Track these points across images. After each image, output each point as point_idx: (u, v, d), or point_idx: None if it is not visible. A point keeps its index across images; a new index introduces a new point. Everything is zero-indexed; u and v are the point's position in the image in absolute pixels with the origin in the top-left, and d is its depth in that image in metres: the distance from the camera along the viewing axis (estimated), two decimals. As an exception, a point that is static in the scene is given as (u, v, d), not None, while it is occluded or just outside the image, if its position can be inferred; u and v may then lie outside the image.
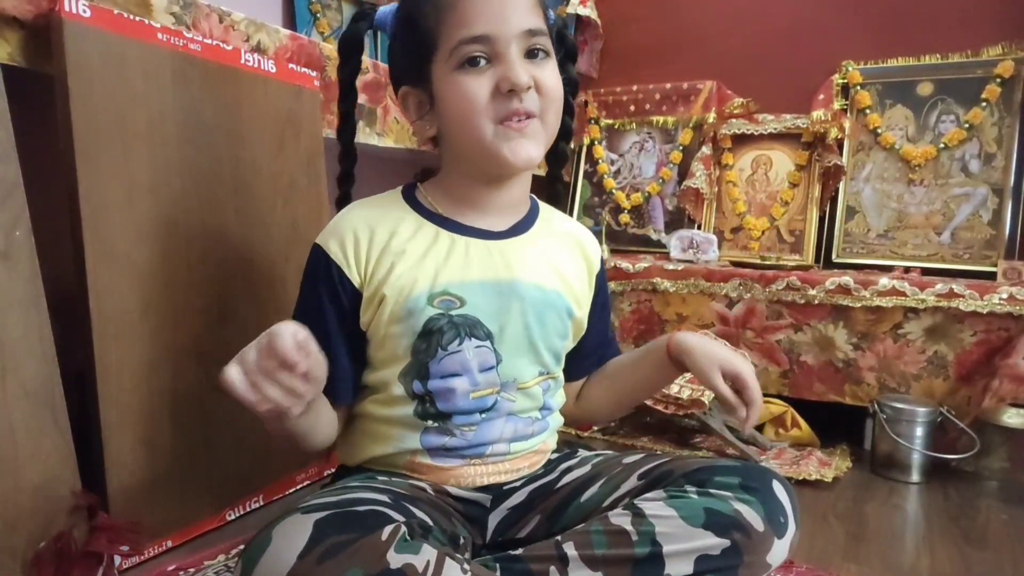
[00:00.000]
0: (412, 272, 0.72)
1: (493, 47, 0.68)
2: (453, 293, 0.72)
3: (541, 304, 0.76)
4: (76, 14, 0.77)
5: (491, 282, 0.74)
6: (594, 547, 0.63)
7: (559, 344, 0.80)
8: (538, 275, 0.77)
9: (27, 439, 0.74)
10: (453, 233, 0.75)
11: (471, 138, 0.71)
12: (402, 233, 0.74)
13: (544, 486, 0.78)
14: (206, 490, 0.94)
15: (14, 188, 0.73)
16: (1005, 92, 1.59)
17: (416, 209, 0.77)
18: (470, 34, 0.68)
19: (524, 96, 0.69)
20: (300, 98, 1.09)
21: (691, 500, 0.65)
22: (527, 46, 0.70)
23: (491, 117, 0.69)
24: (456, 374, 0.72)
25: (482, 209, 0.77)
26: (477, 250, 0.75)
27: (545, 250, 0.79)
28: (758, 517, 0.64)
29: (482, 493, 0.77)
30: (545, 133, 0.73)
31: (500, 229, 0.77)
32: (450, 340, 0.72)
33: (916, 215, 1.65)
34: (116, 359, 0.82)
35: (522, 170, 0.75)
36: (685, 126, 1.93)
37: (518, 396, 0.76)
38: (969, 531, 1.07)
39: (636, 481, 0.73)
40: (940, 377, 1.33)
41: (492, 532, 0.77)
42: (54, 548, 0.74)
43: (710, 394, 1.29)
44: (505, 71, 0.68)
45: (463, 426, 0.74)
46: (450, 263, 0.73)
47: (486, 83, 0.69)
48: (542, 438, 0.80)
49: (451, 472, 0.75)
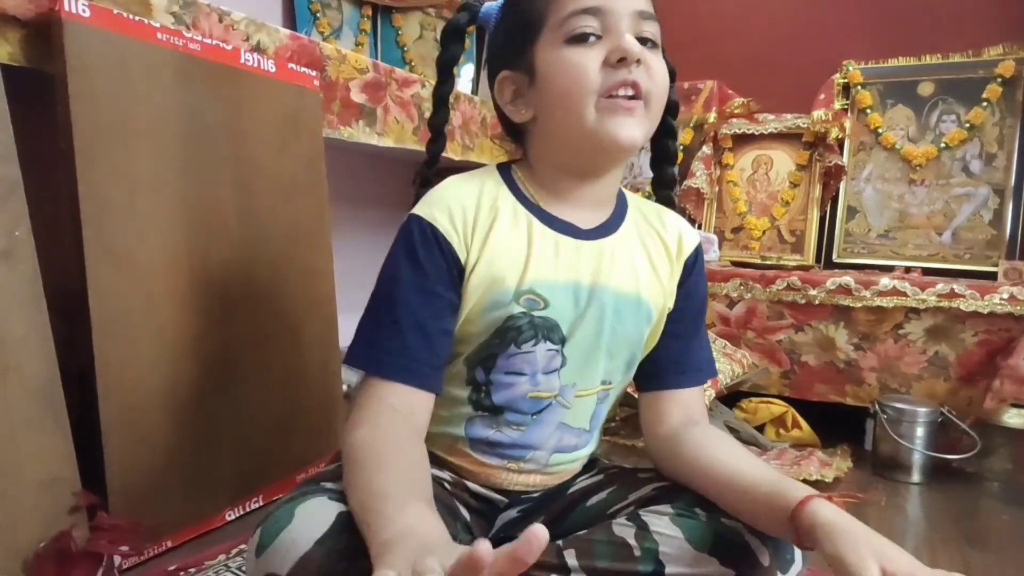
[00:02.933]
0: (505, 262, 0.68)
1: (605, 20, 0.66)
2: (539, 293, 0.69)
3: (618, 311, 0.72)
4: (76, 14, 0.77)
5: (574, 284, 0.70)
6: (595, 558, 0.62)
7: (632, 352, 0.75)
8: (622, 279, 0.72)
9: (27, 438, 0.74)
10: (546, 226, 0.71)
11: (574, 113, 0.66)
12: (502, 218, 0.70)
13: (556, 489, 0.77)
14: (206, 490, 0.94)
15: (15, 188, 0.73)
16: (1006, 92, 1.59)
17: (513, 192, 0.72)
18: (583, 5, 0.65)
19: (634, 68, 0.65)
20: (301, 98, 1.09)
21: (699, 523, 0.64)
22: (638, 30, 0.67)
23: (597, 91, 0.66)
24: (522, 372, 0.70)
25: (573, 203, 0.73)
26: (566, 249, 0.71)
27: (631, 250, 0.75)
28: (766, 552, 0.62)
29: (498, 495, 0.75)
30: (649, 119, 0.69)
31: (590, 226, 0.73)
32: (526, 340, 0.69)
33: (917, 215, 1.65)
34: (117, 358, 0.82)
35: (623, 150, 0.69)
36: (686, 126, 1.93)
37: (575, 403, 0.73)
38: (970, 531, 1.07)
39: (649, 491, 0.71)
40: (941, 377, 1.33)
41: (496, 529, 0.76)
42: (54, 548, 0.74)
43: (711, 393, 1.29)
44: (617, 41, 0.65)
45: (513, 424, 0.72)
46: (540, 260, 0.70)
47: (596, 56, 0.65)
48: (582, 454, 0.77)
49: (487, 469, 0.73)
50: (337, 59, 1.18)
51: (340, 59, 1.19)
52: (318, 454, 1.09)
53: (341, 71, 1.19)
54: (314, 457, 1.09)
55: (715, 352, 1.42)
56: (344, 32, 1.73)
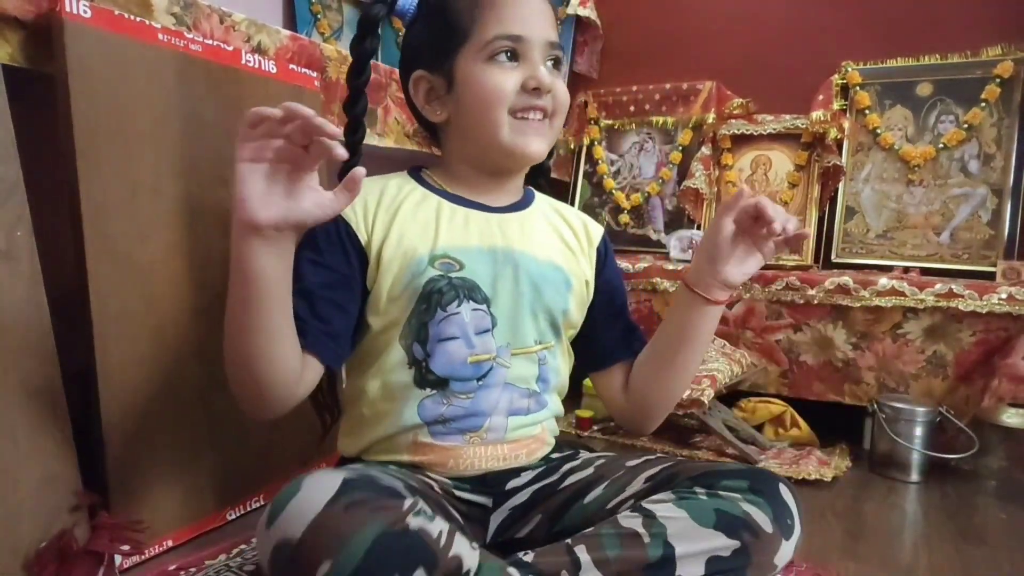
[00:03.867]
0: (414, 235, 0.76)
1: (523, 47, 0.76)
2: (453, 256, 0.76)
3: (536, 273, 0.80)
4: (77, 14, 0.78)
5: (488, 248, 0.78)
6: (606, 549, 0.63)
7: (556, 314, 0.81)
8: (534, 246, 0.81)
9: (28, 438, 0.74)
10: (455, 204, 0.80)
11: (489, 125, 0.76)
12: (408, 200, 0.78)
13: (547, 486, 0.78)
14: (207, 489, 0.94)
15: (15, 188, 0.74)
16: (1004, 93, 1.59)
17: (421, 184, 0.82)
18: (508, 32, 0.75)
19: (544, 96, 0.76)
20: (301, 99, 1.09)
21: (700, 501, 0.66)
22: (548, 55, 0.78)
23: (511, 109, 0.76)
24: (453, 336, 0.75)
25: (481, 190, 0.82)
26: (476, 220, 0.80)
27: (542, 225, 0.85)
28: (767, 519, 0.65)
29: (483, 496, 0.77)
30: (552, 134, 0.80)
31: (500, 205, 0.83)
32: (449, 301, 0.75)
33: (915, 215, 1.66)
34: (117, 358, 0.83)
35: (528, 161, 0.80)
36: (685, 126, 1.93)
37: (514, 362, 0.78)
38: (967, 530, 1.07)
39: (642, 484, 0.73)
40: (939, 377, 1.33)
41: (493, 533, 0.77)
42: (55, 547, 0.74)
43: (710, 393, 1.29)
44: (533, 71, 0.76)
45: (460, 393, 0.76)
46: (451, 229, 0.78)
47: (513, 78, 0.75)
48: (539, 418, 0.81)
49: (451, 452, 0.76)
50: (338, 60, 1.19)
51: (341, 60, 1.19)
52: (318, 454, 1.09)
53: (342, 72, 1.19)
54: (314, 457, 1.10)
55: (714, 351, 1.42)
56: (345, 33, 1.73)
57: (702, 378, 1.32)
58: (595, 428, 1.50)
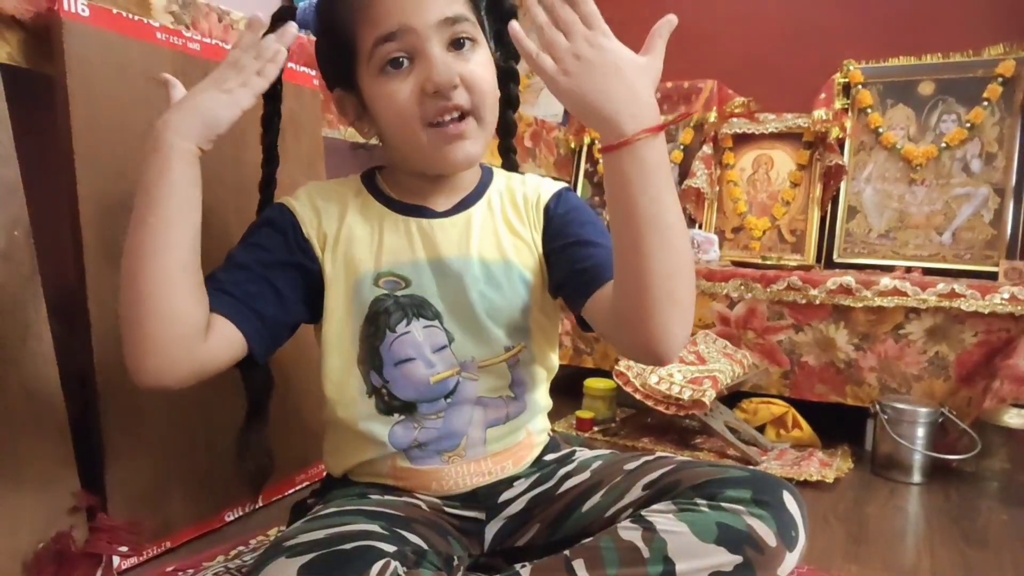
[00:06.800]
0: (359, 249, 0.72)
1: (411, 42, 0.65)
2: (398, 274, 0.72)
3: (486, 279, 0.73)
4: (75, 14, 0.77)
5: (433, 261, 0.73)
6: (605, 565, 0.62)
7: (517, 314, 0.75)
8: (482, 249, 0.74)
9: (27, 439, 0.74)
10: (398, 214, 0.75)
11: (408, 142, 0.69)
12: (351, 213, 0.74)
13: (543, 493, 0.76)
14: (205, 491, 0.94)
15: (14, 188, 0.73)
16: (1006, 92, 1.59)
17: (370, 191, 0.77)
18: (384, 31, 0.65)
19: (452, 94, 0.66)
20: (300, 98, 1.09)
21: (702, 514, 0.63)
22: (449, 36, 0.66)
23: (422, 120, 0.67)
24: (409, 358, 0.71)
25: (426, 194, 0.76)
26: (422, 229, 0.74)
27: (491, 221, 0.76)
28: (771, 532, 0.62)
29: (476, 511, 0.75)
30: (483, 130, 0.70)
31: (447, 207, 0.76)
32: (397, 321, 0.71)
33: (917, 215, 1.65)
34: (116, 359, 0.82)
35: (459, 170, 0.74)
36: (686, 125, 1.93)
37: (481, 376, 0.74)
38: (970, 532, 1.07)
39: (641, 491, 0.70)
40: (941, 378, 1.33)
41: (490, 542, 0.75)
42: (54, 548, 0.74)
43: (711, 394, 1.29)
44: (427, 70, 0.65)
45: (430, 415, 0.73)
46: (395, 244, 0.73)
47: (410, 85, 0.66)
48: (521, 422, 0.77)
49: (432, 475, 0.73)
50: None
51: (340, 59, 1.19)
52: (317, 454, 1.09)
53: (341, 71, 1.19)
54: (313, 457, 1.09)
55: (715, 352, 1.42)
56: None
57: (704, 379, 1.31)
58: (595, 429, 1.49)
